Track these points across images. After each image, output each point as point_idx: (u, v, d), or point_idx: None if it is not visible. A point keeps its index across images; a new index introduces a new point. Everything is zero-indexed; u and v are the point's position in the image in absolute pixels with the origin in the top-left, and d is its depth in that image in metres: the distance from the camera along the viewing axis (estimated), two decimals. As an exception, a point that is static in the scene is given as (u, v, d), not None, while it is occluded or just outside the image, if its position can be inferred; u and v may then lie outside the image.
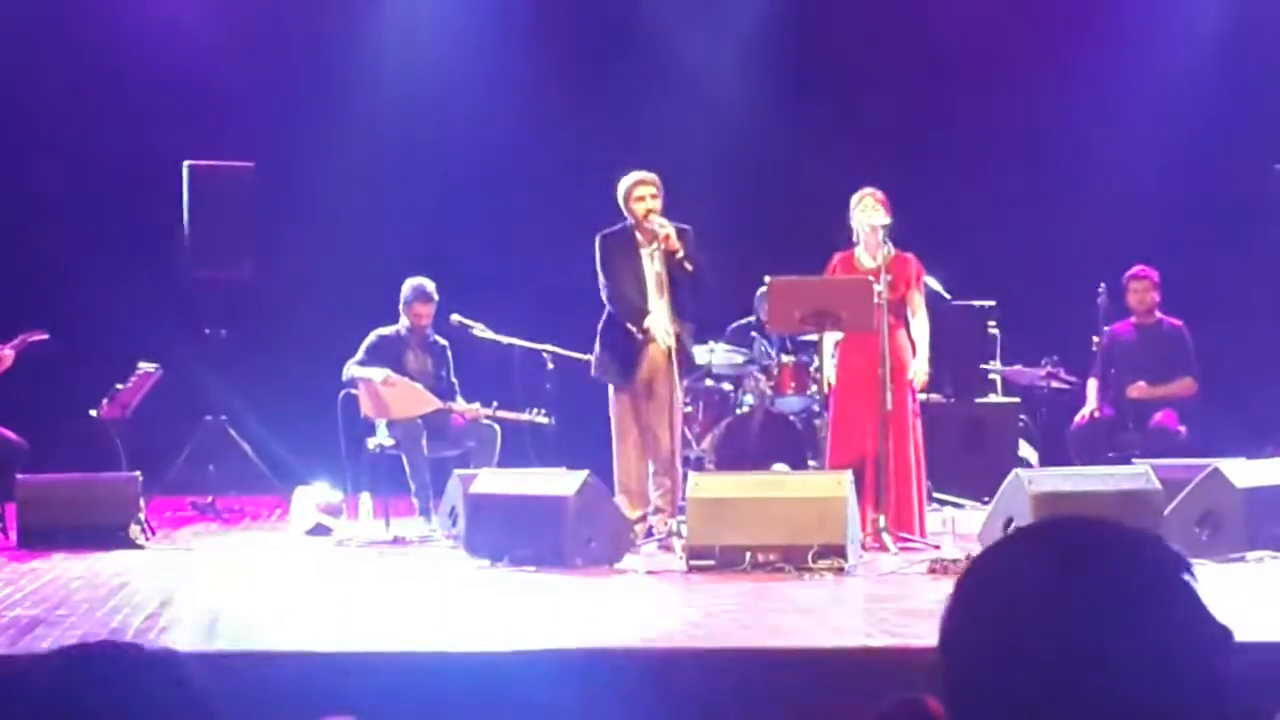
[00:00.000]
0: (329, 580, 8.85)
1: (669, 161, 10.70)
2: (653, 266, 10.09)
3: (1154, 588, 1.72)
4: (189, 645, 6.49)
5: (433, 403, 11.11)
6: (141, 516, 10.42)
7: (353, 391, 11.12)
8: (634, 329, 10.05)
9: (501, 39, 14.37)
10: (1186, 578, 1.74)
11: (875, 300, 9.73)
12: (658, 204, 10.05)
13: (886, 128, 14.07)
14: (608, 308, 10.23)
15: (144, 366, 11.82)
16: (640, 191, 10.08)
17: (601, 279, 10.20)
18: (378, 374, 10.97)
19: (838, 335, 10.13)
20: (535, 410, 11.13)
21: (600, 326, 10.30)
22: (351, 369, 11.09)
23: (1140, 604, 1.70)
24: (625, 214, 10.17)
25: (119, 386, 11.75)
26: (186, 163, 12.25)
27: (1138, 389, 11.66)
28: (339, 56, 14.03)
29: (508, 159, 14.08)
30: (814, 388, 11.37)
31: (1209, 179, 13.94)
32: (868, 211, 10.14)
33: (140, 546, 10.18)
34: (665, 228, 9.94)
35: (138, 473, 10.67)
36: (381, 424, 11.08)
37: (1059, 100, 14.06)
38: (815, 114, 14.31)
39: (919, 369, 10.16)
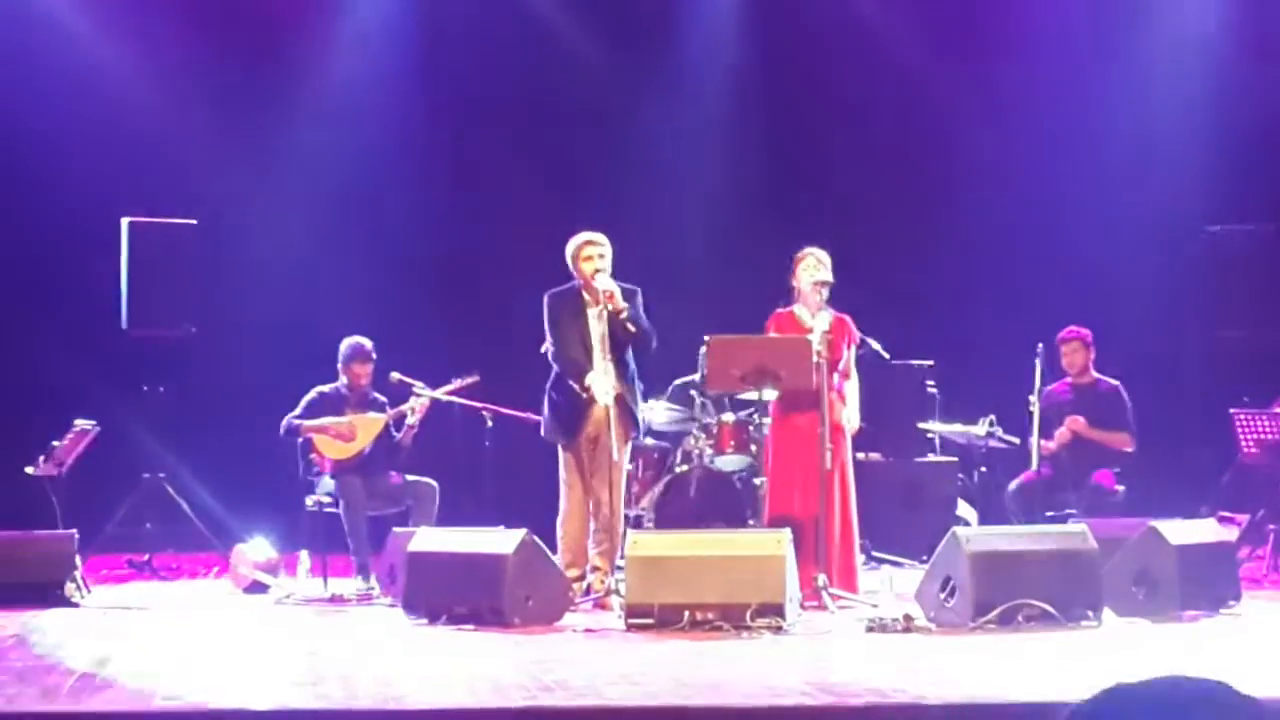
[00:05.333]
0: (267, 639, 8.79)
1: (614, 220, 10.71)
2: (598, 326, 10.10)
3: None
4: (126, 706, 6.45)
5: (380, 419, 11.11)
6: (78, 574, 10.34)
7: (311, 449, 11.06)
8: (576, 386, 10.05)
9: (442, 100, 14.42)
10: None
11: (814, 359, 9.78)
12: (605, 264, 10.07)
13: (828, 191, 14.17)
14: (554, 367, 10.24)
15: (81, 423, 11.75)
16: (588, 251, 10.10)
17: (549, 337, 10.21)
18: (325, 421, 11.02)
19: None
20: (464, 377, 11.19)
21: (548, 386, 10.30)
22: (296, 422, 11.04)
23: None
24: (573, 274, 10.19)
25: (55, 443, 11.69)
26: (126, 219, 12.22)
27: (1075, 422, 11.72)
28: (282, 114, 14.01)
29: (448, 217, 14.10)
30: (754, 447, 11.41)
31: (1143, 239, 14.06)
32: (811, 269, 10.20)
33: (76, 605, 10.10)
34: (610, 287, 9.96)
35: (74, 530, 10.58)
36: (323, 480, 11.05)
37: (995, 158, 14.15)
38: (760, 179, 14.42)
39: (852, 416, 10.30)
